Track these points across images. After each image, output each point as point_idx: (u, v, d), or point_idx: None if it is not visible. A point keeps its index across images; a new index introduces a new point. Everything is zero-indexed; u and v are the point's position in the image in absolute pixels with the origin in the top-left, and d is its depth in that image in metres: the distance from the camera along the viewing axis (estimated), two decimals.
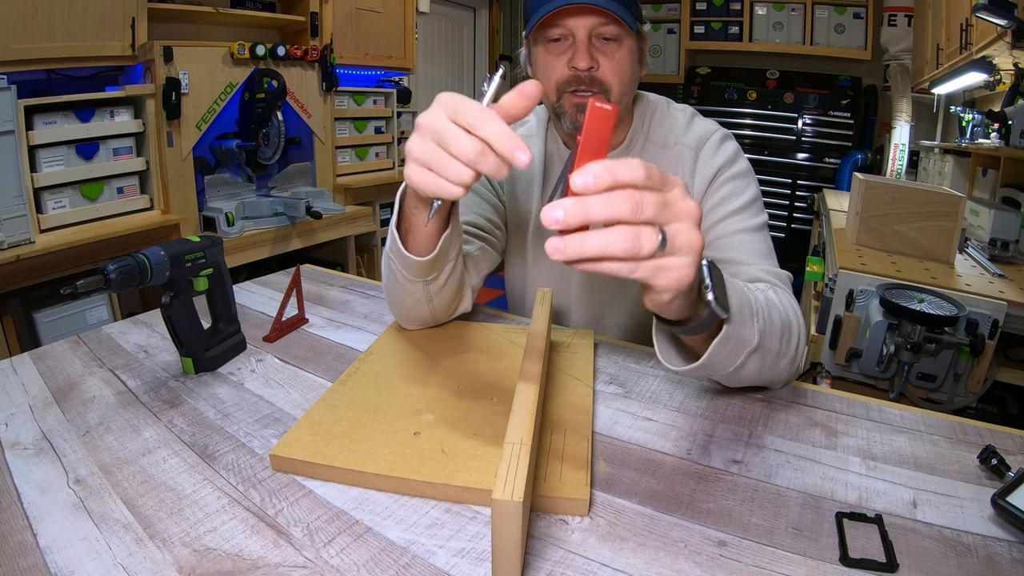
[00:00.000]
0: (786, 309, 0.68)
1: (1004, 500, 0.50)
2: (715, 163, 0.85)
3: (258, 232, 2.23)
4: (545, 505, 0.50)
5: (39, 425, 0.61)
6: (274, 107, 2.18)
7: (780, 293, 0.72)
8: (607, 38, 0.78)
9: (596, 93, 0.79)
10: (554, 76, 0.80)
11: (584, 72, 0.77)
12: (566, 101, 0.81)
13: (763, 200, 0.88)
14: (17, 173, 1.61)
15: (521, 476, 0.40)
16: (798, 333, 0.69)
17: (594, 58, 0.77)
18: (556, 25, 0.77)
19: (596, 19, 0.75)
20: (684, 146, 0.87)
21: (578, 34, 0.76)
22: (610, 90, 0.80)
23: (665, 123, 0.89)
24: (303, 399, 0.68)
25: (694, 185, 0.86)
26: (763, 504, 0.52)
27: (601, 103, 0.40)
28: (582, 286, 0.95)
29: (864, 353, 1.42)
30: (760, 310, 0.60)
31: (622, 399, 0.69)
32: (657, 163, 0.89)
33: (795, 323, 0.68)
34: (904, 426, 0.66)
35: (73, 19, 1.76)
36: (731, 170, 0.85)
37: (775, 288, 0.73)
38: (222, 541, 0.46)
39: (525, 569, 0.43)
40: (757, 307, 0.59)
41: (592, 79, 0.78)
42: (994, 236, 1.81)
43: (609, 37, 0.77)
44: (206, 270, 0.74)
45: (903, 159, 3.30)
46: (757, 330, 0.58)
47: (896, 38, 3.48)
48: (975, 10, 1.74)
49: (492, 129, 0.44)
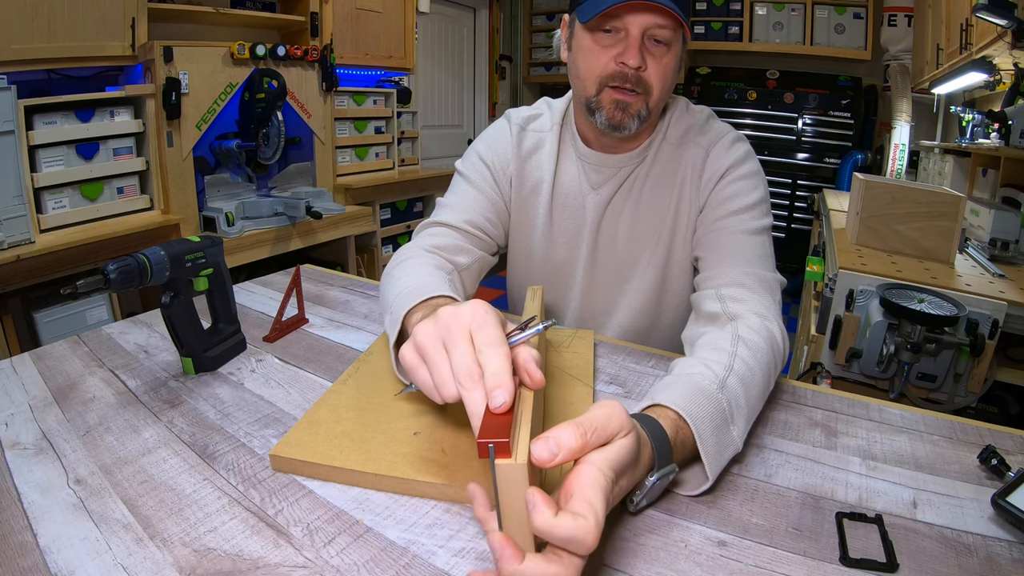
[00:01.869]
0: (760, 359, 0.64)
1: (1004, 500, 0.50)
2: (724, 163, 0.85)
3: (258, 232, 2.23)
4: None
5: (39, 425, 0.61)
6: (274, 107, 2.18)
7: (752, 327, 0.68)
8: (658, 40, 0.77)
9: (638, 92, 0.79)
10: (598, 68, 0.79)
11: (632, 70, 0.77)
12: (606, 96, 0.80)
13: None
14: (17, 173, 1.61)
15: (524, 440, 0.40)
16: (780, 355, 0.69)
17: (643, 58, 0.77)
18: (615, 17, 0.76)
19: (656, 19, 0.74)
20: (697, 145, 0.87)
21: (632, 31, 0.75)
22: (652, 92, 0.79)
23: (683, 123, 0.89)
24: (303, 399, 0.67)
25: (701, 183, 0.86)
26: (763, 504, 0.52)
27: (503, 458, 0.38)
28: (582, 286, 0.95)
29: (864, 353, 1.42)
30: (736, 408, 0.57)
31: (622, 399, 0.69)
32: (669, 161, 0.88)
33: (774, 355, 0.67)
34: (904, 426, 0.66)
35: (73, 19, 1.76)
36: (739, 171, 0.85)
37: (745, 321, 0.69)
38: (222, 541, 0.46)
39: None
40: (731, 412, 0.56)
41: (638, 79, 0.78)
42: (994, 236, 1.81)
43: (660, 40, 0.77)
44: (206, 270, 0.74)
45: (903, 159, 3.30)
46: (737, 434, 0.56)
47: (896, 38, 3.48)
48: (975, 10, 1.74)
49: (493, 362, 0.44)
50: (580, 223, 0.93)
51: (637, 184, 0.90)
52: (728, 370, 0.60)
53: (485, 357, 0.45)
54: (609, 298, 0.95)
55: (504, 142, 0.95)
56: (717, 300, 0.75)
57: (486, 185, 0.94)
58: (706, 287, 0.79)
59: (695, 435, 0.52)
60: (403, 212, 3.09)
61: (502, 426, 0.40)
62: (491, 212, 0.93)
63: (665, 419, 0.52)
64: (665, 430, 0.50)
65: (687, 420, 0.52)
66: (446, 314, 0.49)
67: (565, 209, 0.93)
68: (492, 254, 0.95)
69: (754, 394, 0.61)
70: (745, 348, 0.64)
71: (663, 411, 0.53)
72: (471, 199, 0.93)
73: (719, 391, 0.56)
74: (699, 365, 0.60)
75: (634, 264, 0.92)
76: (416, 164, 3.36)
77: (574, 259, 0.95)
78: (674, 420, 0.52)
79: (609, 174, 0.90)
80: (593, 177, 0.91)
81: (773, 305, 0.75)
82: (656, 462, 0.49)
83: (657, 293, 0.92)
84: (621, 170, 0.90)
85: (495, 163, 0.94)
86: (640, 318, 0.94)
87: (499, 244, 0.97)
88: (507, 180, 0.94)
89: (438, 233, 0.88)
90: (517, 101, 5.00)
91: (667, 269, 0.91)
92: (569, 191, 0.92)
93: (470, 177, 0.94)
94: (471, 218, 0.90)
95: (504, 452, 0.38)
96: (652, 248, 0.91)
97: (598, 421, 0.42)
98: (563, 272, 0.96)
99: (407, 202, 3.11)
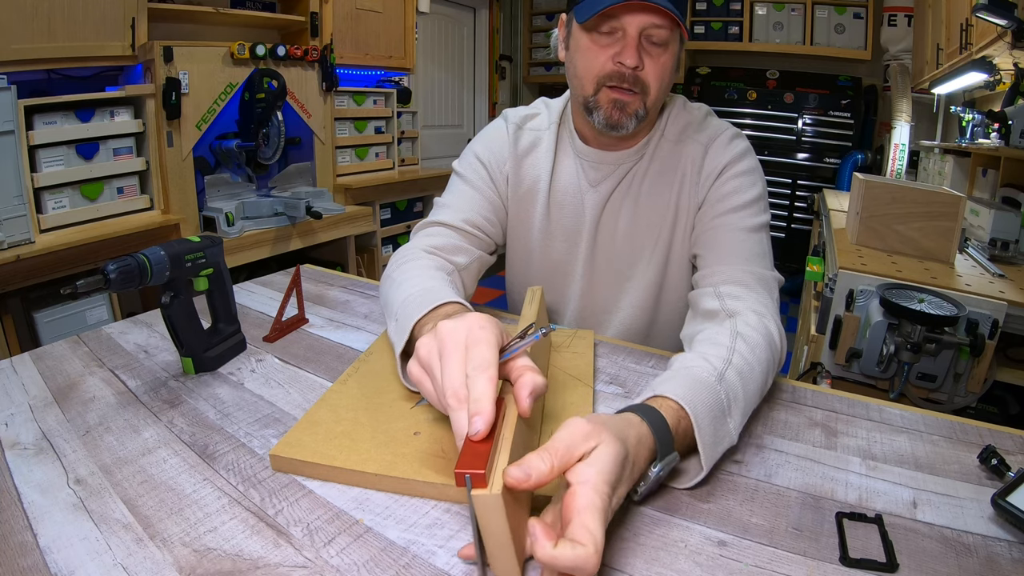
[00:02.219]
0: (759, 356, 0.64)
1: (1004, 500, 0.50)
2: (723, 159, 0.85)
3: (258, 232, 2.23)
4: (545, 505, 0.50)
5: (39, 425, 0.61)
6: (274, 107, 2.18)
7: (750, 324, 0.68)
8: (655, 41, 0.77)
9: (635, 92, 0.79)
10: (595, 67, 0.80)
11: (630, 70, 0.77)
12: (603, 96, 0.80)
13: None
14: (17, 173, 1.61)
15: (502, 467, 0.41)
16: (778, 353, 0.69)
17: (640, 58, 0.77)
18: (612, 17, 0.76)
19: (653, 19, 0.75)
20: (696, 142, 0.88)
21: (629, 30, 0.76)
22: (649, 92, 0.80)
23: (681, 119, 0.89)
24: (303, 399, 0.67)
25: (700, 179, 0.87)
26: (763, 504, 0.52)
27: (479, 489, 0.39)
28: (582, 284, 0.95)
29: (864, 353, 1.42)
30: (734, 401, 0.58)
31: (622, 399, 0.69)
32: (668, 158, 0.89)
33: (772, 352, 0.67)
34: (904, 426, 0.66)
35: (73, 19, 1.76)
36: (737, 167, 0.85)
37: (743, 318, 0.70)
38: (222, 541, 0.46)
39: (526, 568, 0.43)
40: (729, 404, 0.57)
41: (636, 78, 0.78)
42: (994, 236, 1.81)
43: (657, 40, 0.77)
44: (206, 270, 0.74)
45: (903, 159, 3.30)
46: (734, 427, 0.57)
47: (896, 38, 3.48)
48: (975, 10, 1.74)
49: (477, 388, 0.46)
50: (579, 221, 0.93)
51: (636, 181, 0.90)
52: (726, 364, 0.61)
53: (471, 381, 0.47)
54: (609, 296, 0.95)
55: (501, 141, 0.95)
56: (715, 298, 0.75)
57: (483, 184, 0.94)
58: (704, 284, 0.79)
59: (694, 425, 0.52)
60: (403, 212, 3.09)
61: (480, 455, 0.41)
62: (489, 211, 0.93)
63: (666, 409, 0.52)
64: (666, 420, 0.51)
65: (687, 410, 0.53)
66: (444, 329, 0.51)
67: (563, 207, 0.93)
68: (490, 253, 0.95)
69: (751, 389, 0.61)
70: (743, 344, 0.64)
71: (664, 401, 0.54)
72: (469, 198, 0.93)
73: (717, 383, 0.57)
74: (698, 359, 0.61)
75: (634, 262, 0.92)
76: (416, 164, 3.36)
77: (573, 257, 0.95)
78: (675, 410, 0.53)
79: (608, 171, 0.90)
80: (591, 174, 0.91)
81: (771, 303, 0.76)
82: (659, 452, 0.50)
83: (656, 290, 0.93)
84: (620, 167, 0.90)
85: (492, 162, 0.94)
86: (640, 315, 0.94)
87: (497, 243, 0.97)
88: (504, 179, 0.95)
89: (436, 233, 0.89)
90: (517, 101, 5.00)
91: (667, 266, 0.91)
92: (567, 189, 0.92)
93: (467, 177, 0.94)
94: (469, 217, 0.90)
95: (480, 483, 0.39)
96: (652, 245, 0.91)
97: (562, 442, 0.43)
98: (562, 270, 0.96)
99: (407, 202, 3.11)
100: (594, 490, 0.41)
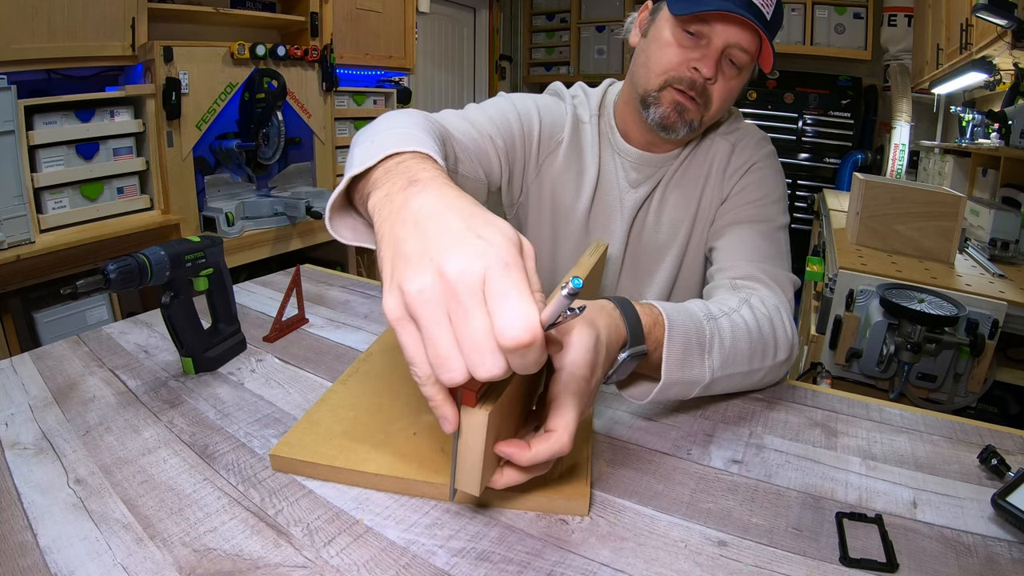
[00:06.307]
0: (761, 325, 0.66)
1: (1004, 500, 0.50)
2: (750, 158, 0.86)
3: (258, 232, 2.23)
4: (545, 505, 0.50)
5: (39, 425, 0.61)
6: (274, 107, 2.18)
7: (765, 302, 0.70)
8: (733, 61, 0.76)
9: (698, 102, 0.78)
10: (669, 65, 0.77)
11: (702, 79, 0.76)
12: (667, 95, 0.78)
13: None
14: (17, 173, 1.61)
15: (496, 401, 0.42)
16: (783, 344, 0.69)
17: (715, 72, 0.76)
18: (703, 22, 0.74)
19: (741, 38, 0.73)
20: (724, 139, 0.88)
21: (715, 41, 0.74)
22: (711, 107, 0.79)
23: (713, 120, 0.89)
24: (303, 399, 0.67)
25: (725, 177, 0.87)
26: (763, 504, 0.52)
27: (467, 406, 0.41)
28: (607, 283, 0.94)
29: (864, 353, 1.42)
30: (717, 343, 0.60)
31: (622, 399, 0.69)
32: (697, 155, 0.88)
33: (776, 336, 0.68)
34: (904, 426, 0.66)
35: (73, 19, 1.76)
36: (763, 167, 0.86)
37: (759, 295, 0.71)
38: (222, 541, 0.46)
39: (524, 569, 0.43)
40: (712, 342, 0.59)
41: (704, 89, 0.77)
42: (994, 236, 1.81)
43: (736, 62, 0.76)
44: (206, 270, 0.73)
45: (903, 159, 3.30)
46: (709, 367, 0.58)
47: (896, 38, 3.48)
48: (975, 10, 1.74)
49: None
50: (612, 219, 0.91)
51: (671, 184, 0.89)
52: (724, 314, 0.62)
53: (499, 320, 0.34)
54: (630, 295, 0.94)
55: (560, 115, 0.90)
56: (731, 289, 0.76)
57: (521, 129, 0.85)
58: (720, 278, 0.79)
59: (665, 334, 0.54)
60: None
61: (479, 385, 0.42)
62: (502, 152, 0.83)
63: (645, 310, 0.54)
64: (640, 317, 0.53)
65: (664, 318, 0.55)
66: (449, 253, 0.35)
67: (603, 205, 0.91)
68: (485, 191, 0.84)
69: (741, 347, 0.62)
70: (749, 311, 0.66)
71: (647, 306, 0.56)
72: (494, 123, 0.82)
73: (706, 320, 0.59)
74: (699, 302, 0.63)
75: (659, 259, 0.92)
76: None
77: None
78: (654, 315, 0.55)
79: (648, 173, 0.89)
80: (632, 175, 0.89)
81: (785, 301, 0.75)
82: (628, 341, 0.51)
83: (671, 285, 0.93)
84: (659, 170, 0.89)
85: (547, 127, 0.88)
86: None
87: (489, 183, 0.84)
88: (547, 150, 0.89)
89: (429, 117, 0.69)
90: None
91: (683, 260, 0.91)
92: (609, 186, 0.90)
93: (506, 111, 0.84)
94: (486, 132, 0.80)
95: (469, 401, 0.41)
96: (674, 242, 0.91)
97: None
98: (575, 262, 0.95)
99: None
100: (570, 375, 0.44)
